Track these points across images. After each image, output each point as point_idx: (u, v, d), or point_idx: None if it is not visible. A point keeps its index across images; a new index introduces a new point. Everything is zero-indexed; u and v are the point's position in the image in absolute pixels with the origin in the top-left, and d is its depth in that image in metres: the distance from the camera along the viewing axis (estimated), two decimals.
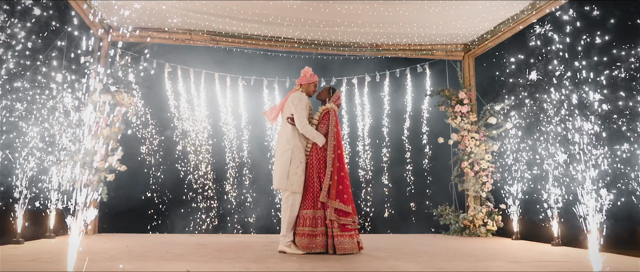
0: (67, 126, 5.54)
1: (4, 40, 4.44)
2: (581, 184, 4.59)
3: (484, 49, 6.66)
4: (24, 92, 4.94)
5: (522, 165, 6.00)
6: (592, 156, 4.49)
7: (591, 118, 4.51)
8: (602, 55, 4.52)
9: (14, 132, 4.80)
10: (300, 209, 4.09)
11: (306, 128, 4.17)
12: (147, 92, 6.47)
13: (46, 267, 3.05)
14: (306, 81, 4.39)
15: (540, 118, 5.66)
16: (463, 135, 6.69)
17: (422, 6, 5.23)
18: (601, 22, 4.59)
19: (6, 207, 4.65)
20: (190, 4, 5.39)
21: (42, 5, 5.02)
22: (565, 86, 4.94)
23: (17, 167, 4.70)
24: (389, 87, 7.34)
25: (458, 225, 6.55)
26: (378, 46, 6.84)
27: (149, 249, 4.20)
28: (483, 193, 6.56)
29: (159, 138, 6.76)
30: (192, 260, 3.52)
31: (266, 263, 3.43)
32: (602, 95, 4.38)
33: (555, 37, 4.99)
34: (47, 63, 5.27)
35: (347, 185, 4.09)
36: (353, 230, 4.02)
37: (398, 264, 3.48)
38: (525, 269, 3.32)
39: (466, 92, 6.76)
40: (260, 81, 7.04)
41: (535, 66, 5.57)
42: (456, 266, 3.41)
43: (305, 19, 5.67)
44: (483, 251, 4.50)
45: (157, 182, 6.69)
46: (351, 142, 7.38)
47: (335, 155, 4.10)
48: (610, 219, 4.71)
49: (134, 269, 2.97)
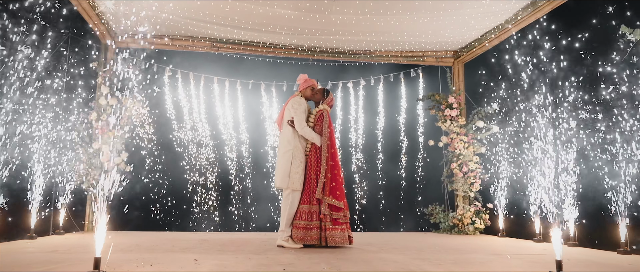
0: (76, 129, 5.85)
1: (22, 48, 4.74)
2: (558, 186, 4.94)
3: (472, 55, 7.01)
4: (35, 96, 5.22)
5: (507, 166, 6.35)
6: (566, 158, 4.83)
7: (564, 121, 4.86)
8: (573, 63, 4.89)
9: (27, 134, 5.08)
10: (299, 204, 4.43)
11: (305, 130, 4.50)
12: (151, 95, 6.77)
13: (65, 257, 3.35)
14: (303, 86, 4.74)
15: (522, 121, 6.01)
16: (452, 138, 7.03)
17: (412, 17, 5.57)
18: (575, 32, 4.99)
19: (17, 205, 4.93)
20: (193, 14, 5.70)
21: (54, 14, 5.33)
22: (543, 92, 5.30)
23: (31, 167, 4.99)
24: (383, 91, 7.68)
25: (447, 223, 6.88)
26: (371, 53, 7.18)
27: (155, 244, 4.50)
28: (471, 193, 6.89)
29: (162, 140, 7.05)
30: (197, 252, 3.83)
31: (266, 254, 3.75)
32: (575, 100, 4.73)
33: (534, 46, 5.36)
34: (57, 68, 5.57)
35: (340, 182, 4.44)
36: (344, 224, 4.37)
37: (387, 256, 3.80)
38: (499, 259, 3.65)
39: (455, 97, 7.10)
40: (258, 85, 7.36)
41: (517, 73, 5.93)
42: (439, 258, 3.73)
43: (302, 28, 6.01)
44: (467, 246, 4.83)
45: (159, 183, 6.97)
46: (346, 144, 7.70)
47: (328, 154, 4.44)
48: (583, 217, 5.07)
49: (146, 259, 3.27)
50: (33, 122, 5.14)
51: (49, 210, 5.48)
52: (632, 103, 4.12)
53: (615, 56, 4.10)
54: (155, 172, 6.97)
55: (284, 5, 5.30)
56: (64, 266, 2.88)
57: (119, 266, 2.84)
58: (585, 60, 4.69)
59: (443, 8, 5.30)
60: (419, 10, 5.35)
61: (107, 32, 6.27)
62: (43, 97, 5.31)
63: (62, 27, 5.60)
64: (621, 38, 3.86)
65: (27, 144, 4.99)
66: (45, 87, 5.37)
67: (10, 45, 4.71)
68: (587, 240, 5.10)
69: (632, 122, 4.29)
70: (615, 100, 4.22)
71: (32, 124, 5.12)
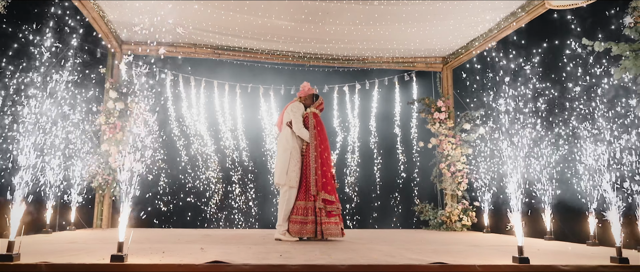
0: (86, 131, 6.23)
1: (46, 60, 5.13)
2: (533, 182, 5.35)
3: (460, 62, 7.42)
4: (46, 99, 5.61)
5: (492, 166, 6.75)
6: (544, 156, 5.25)
7: (539, 123, 5.29)
8: (546, 71, 5.34)
9: (39, 136, 5.46)
10: (295, 201, 4.85)
11: (301, 131, 4.94)
12: (155, 99, 7.15)
13: (84, 247, 3.73)
14: (304, 94, 5.17)
15: (506, 123, 6.42)
16: (441, 139, 7.43)
17: (400, 27, 5.99)
18: (544, 42, 5.46)
19: (33, 203, 5.30)
20: (197, 24, 6.10)
21: (66, 24, 5.73)
22: (524, 95, 5.73)
23: (48, 167, 5.36)
24: (378, 94, 8.07)
25: (436, 221, 7.28)
26: (364, 59, 7.59)
27: (162, 238, 4.88)
28: (459, 192, 7.29)
29: (167, 142, 7.43)
30: (201, 244, 4.21)
31: (265, 245, 4.13)
32: (547, 104, 5.16)
33: (514, 53, 5.80)
34: (69, 73, 5.96)
35: (329, 177, 4.87)
36: (337, 215, 4.80)
37: (374, 246, 4.20)
38: (476, 250, 4.04)
39: (444, 101, 7.51)
40: (257, 89, 7.77)
41: (499, 78, 6.36)
42: (421, 248, 4.12)
43: (299, 37, 6.43)
44: (450, 240, 5.22)
45: (164, 182, 7.35)
46: (342, 144, 8.08)
47: (317, 153, 4.87)
48: (558, 212, 5.48)
49: (158, 248, 3.65)
50: (48, 126, 5.52)
51: (61, 208, 5.86)
52: (589, 106, 4.54)
53: (574, 66, 4.54)
54: (160, 172, 7.33)
55: (281, 17, 5.71)
56: (87, 253, 3.26)
57: (135, 253, 3.22)
58: (550, 71, 5.14)
59: (428, 20, 5.71)
60: (406, 21, 5.76)
61: (115, 40, 6.66)
62: (54, 101, 5.68)
63: (74, 35, 6.00)
64: (583, 49, 4.27)
65: (43, 148, 5.36)
66: (58, 93, 5.75)
67: (31, 57, 5.11)
68: (562, 234, 5.51)
69: (600, 122, 4.71)
70: (579, 100, 4.64)
71: (46, 129, 5.50)
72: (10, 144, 4.60)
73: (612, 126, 4.27)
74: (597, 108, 4.49)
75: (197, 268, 2.64)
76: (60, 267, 2.56)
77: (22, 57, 5.04)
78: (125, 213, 2.73)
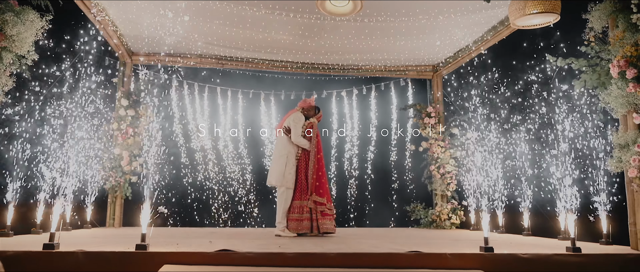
0: (99, 136, 6.75)
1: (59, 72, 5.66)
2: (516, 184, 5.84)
3: (448, 70, 7.92)
4: (61, 106, 6.13)
5: (478, 168, 7.24)
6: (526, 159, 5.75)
7: (522, 129, 5.79)
8: (527, 80, 5.85)
9: (54, 141, 5.97)
10: (292, 200, 5.36)
11: (299, 140, 5.44)
12: (164, 106, 7.66)
13: (106, 241, 4.23)
14: (307, 106, 5.68)
15: (491, 128, 6.92)
16: (431, 143, 7.92)
17: (389, 40, 6.51)
18: (519, 56, 6.02)
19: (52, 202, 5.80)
20: (202, 36, 6.61)
21: (80, 35, 6.29)
22: (509, 102, 6.25)
23: (64, 169, 5.86)
24: (374, 99, 8.56)
25: (427, 219, 7.76)
26: (359, 68, 8.09)
27: (171, 235, 5.37)
28: (448, 192, 7.78)
29: (173, 146, 7.94)
30: (209, 238, 4.70)
31: (266, 240, 4.63)
32: (530, 111, 5.67)
33: (500, 62, 6.34)
34: (82, 83, 6.48)
35: (323, 182, 5.39)
36: (331, 215, 5.35)
37: (365, 240, 4.69)
38: (456, 243, 4.52)
39: (434, 107, 8.01)
40: (258, 95, 8.31)
41: (486, 86, 6.86)
42: (406, 242, 4.61)
43: (296, 49, 6.95)
44: (437, 236, 5.71)
45: (170, 184, 7.84)
46: (338, 147, 8.57)
47: (315, 159, 5.36)
48: (535, 210, 5.97)
49: (171, 241, 4.15)
50: (66, 132, 6.04)
51: (78, 207, 6.37)
52: (554, 113, 5.05)
53: (544, 78, 5.05)
54: (167, 174, 7.83)
55: (281, 32, 6.23)
56: (113, 245, 3.75)
57: (154, 244, 3.71)
58: (521, 82, 5.66)
59: (415, 34, 6.23)
60: (394, 36, 6.28)
61: (126, 52, 7.18)
62: (67, 108, 6.21)
63: (90, 48, 6.53)
64: (548, 64, 4.77)
65: (63, 151, 5.87)
66: (74, 101, 6.28)
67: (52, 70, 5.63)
68: (539, 230, 5.99)
69: (566, 127, 5.21)
70: (548, 107, 5.15)
71: (64, 135, 6.02)
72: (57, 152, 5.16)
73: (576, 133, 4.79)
74: (561, 115, 5.00)
75: (208, 255, 3.14)
76: (94, 254, 3.05)
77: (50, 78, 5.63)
78: (146, 211, 3.22)
